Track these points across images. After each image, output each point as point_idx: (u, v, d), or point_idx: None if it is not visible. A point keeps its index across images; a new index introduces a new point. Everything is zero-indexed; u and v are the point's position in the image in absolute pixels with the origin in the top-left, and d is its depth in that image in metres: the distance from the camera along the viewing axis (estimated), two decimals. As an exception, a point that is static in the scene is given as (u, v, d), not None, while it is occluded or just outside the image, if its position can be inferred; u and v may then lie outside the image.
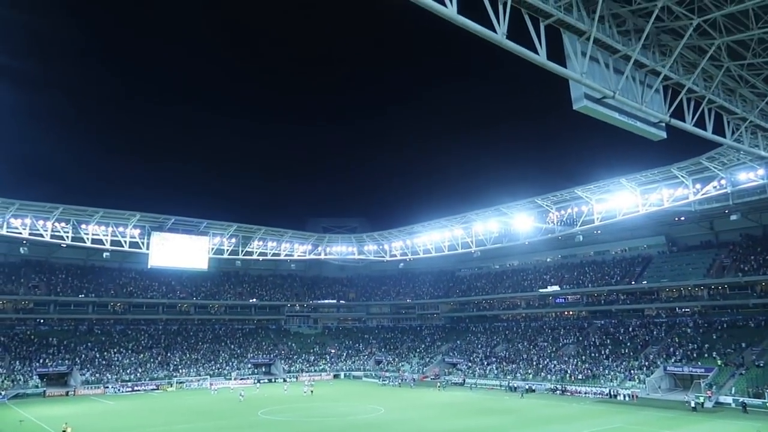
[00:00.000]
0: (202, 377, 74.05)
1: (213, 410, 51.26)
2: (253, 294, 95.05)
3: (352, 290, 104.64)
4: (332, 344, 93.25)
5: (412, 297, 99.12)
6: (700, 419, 42.58)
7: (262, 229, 76.66)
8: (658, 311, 70.61)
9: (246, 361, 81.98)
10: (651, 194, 53.94)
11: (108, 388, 66.97)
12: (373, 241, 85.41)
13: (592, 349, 67.85)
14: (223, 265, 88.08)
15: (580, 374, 62.86)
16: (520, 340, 78.23)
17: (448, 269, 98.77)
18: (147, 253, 67.27)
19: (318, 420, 45.22)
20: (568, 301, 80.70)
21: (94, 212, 63.86)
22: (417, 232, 77.87)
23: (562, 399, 56.70)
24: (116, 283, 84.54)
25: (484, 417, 45.24)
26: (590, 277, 77.48)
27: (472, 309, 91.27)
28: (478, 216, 69.17)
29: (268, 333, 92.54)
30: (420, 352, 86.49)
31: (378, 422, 43.72)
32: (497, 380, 68.54)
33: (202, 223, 71.90)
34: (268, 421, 44.89)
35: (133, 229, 66.84)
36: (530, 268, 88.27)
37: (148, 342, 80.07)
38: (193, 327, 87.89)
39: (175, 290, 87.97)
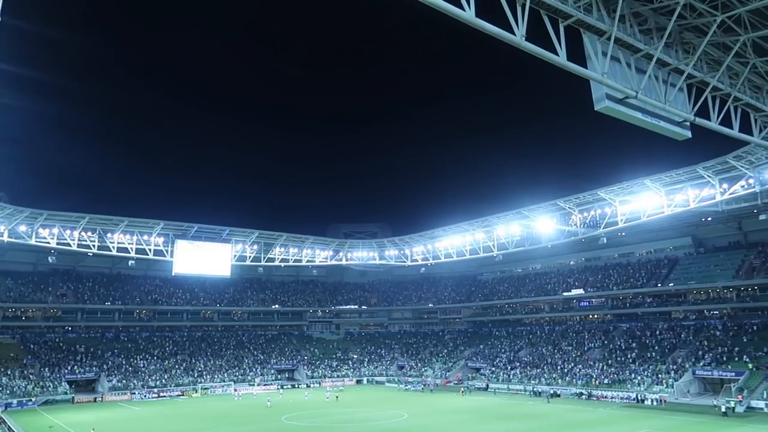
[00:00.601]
0: (226, 383, 74.63)
1: (237, 415, 51.60)
2: (275, 300, 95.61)
3: (373, 296, 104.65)
4: (354, 350, 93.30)
5: (433, 302, 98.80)
6: (731, 424, 41.63)
7: (283, 235, 77.15)
8: (685, 314, 69.30)
9: (269, 366, 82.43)
10: (676, 195, 53.06)
11: (135, 394, 67.83)
12: (394, 246, 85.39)
13: (618, 352, 66.84)
14: (246, 271, 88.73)
15: (606, 378, 61.94)
16: (544, 344, 77.43)
17: (469, 273, 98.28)
18: (171, 261, 68.14)
19: (341, 426, 45.22)
20: (593, 304, 79.64)
21: (119, 221, 64.95)
22: (438, 237, 77.67)
23: (588, 404, 55.93)
24: (141, 290, 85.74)
25: (508, 422, 44.81)
26: (615, 279, 76.42)
27: (494, 313, 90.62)
28: (499, 219, 68.75)
29: (290, 339, 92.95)
30: (443, 357, 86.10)
31: (401, 428, 43.56)
32: (521, 385, 67.89)
33: (225, 230, 72.60)
34: (292, 427, 45.03)
35: (157, 237, 67.79)
36: (553, 272, 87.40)
37: (173, 348, 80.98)
38: (216, 333, 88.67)
39: (199, 297, 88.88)
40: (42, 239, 62.24)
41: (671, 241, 75.53)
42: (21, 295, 75.89)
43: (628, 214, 56.86)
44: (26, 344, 73.07)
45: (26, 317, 76.62)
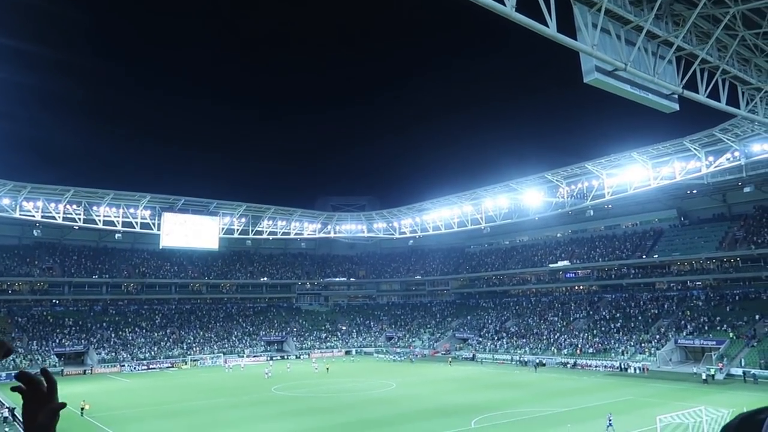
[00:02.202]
0: (215, 355, 75.16)
1: (228, 386, 52.16)
2: (264, 273, 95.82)
3: (362, 268, 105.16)
4: (343, 321, 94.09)
5: (422, 274, 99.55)
6: (711, 391, 42.82)
7: (271, 208, 76.97)
8: (669, 285, 70.53)
9: (258, 338, 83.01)
10: (663, 167, 53.54)
11: (124, 367, 68.17)
12: (383, 218, 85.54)
13: (603, 323, 68.08)
14: (234, 244, 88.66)
15: (590, 348, 63.19)
16: (530, 315, 78.60)
17: (457, 246, 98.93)
18: (158, 234, 67.90)
19: (331, 396, 45.91)
20: (579, 275, 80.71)
21: (104, 194, 64.38)
22: (426, 209, 77.88)
23: (573, 372, 57.14)
24: (129, 263, 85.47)
25: (496, 391, 45.71)
26: (601, 251, 77.39)
27: (482, 285, 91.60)
28: (487, 192, 68.99)
29: (279, 311, 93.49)
30: (431, 328, 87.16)
31: (390, 397, 44.32)
32: (508, 355, 69.07)
33: (212, 203, 72.29)
34: (282, 397, 45.65)
35: (143, 210, 67.37)
36: (540, 244, 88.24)
37: (161, 321, 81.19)
38: (205, 306, 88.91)
39: (187, 270, 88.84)
40: (26, 212, 61.61)
41: (656, 214, 76.41)
42: (6, 269, 75.35)
43: (615, 186, 57.31)
44: (13, 318, 72.86)
45: (12, 291, 76.24)
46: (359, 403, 41.73)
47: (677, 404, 34.15)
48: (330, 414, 37.71)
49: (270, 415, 37.58)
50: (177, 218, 69.00)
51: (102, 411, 39.43)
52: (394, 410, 38.37)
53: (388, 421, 34.79)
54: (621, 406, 37.38)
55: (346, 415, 37.07)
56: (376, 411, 38.42)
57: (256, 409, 40.22)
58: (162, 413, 39.19)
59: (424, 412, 37.05)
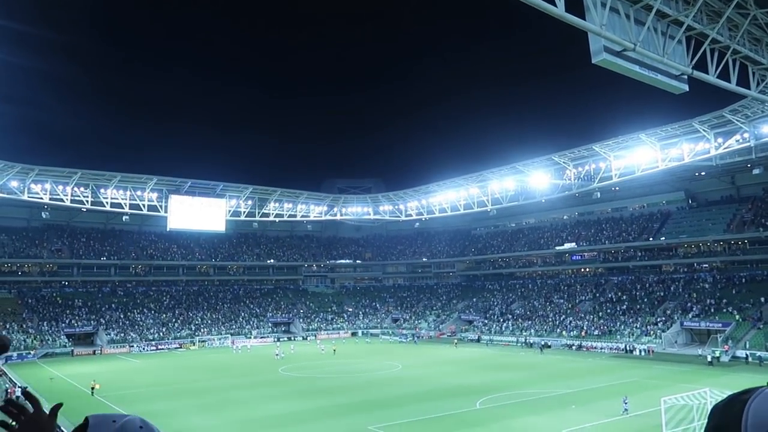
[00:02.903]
0: (223, 336, 75.83)
1: (235, 366, 52.70)
2: (270, 255, 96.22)
3: (368, 250, 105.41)
4: (349, 303, 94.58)
5: (428, 256, 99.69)
6: (715, 373, 42.88)
7: (277, 190, 77.04)
8: (676, 267, 70.34)
9: (265, 320, 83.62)
10: (671, 149, 53.08)
11: (133, 347, 68.91)
12: (389, 201, 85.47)
13: (609, 305, 68.11)
14: (241, 227, 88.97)
15: (596, 330, 63.31)
16: (536, 297, 78.71)
17: (463, 228, 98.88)
18: (165, 216, 68.20)
19: (337, 376, 46.30)
20: (585, 258, 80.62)
21: (111, 176, 64.60)
22: (432, 192, 77.72)
23: (578, 354, 57.32)
24: (137, 246, 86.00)
25: (501, 372, 45.95)
26: (607, 233, 77.15)
27: (488, 267, 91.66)
28: (493, 174, 68.72)
29: (286, 293, 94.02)
30: (436, 310, 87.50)
31: (396, 378, 44.65)
32: (513, 337, 69.32)
33: (219, 185, 72.40)
34: (289, 378, 46.08)
35: (150, 193, 67.59)
36: (547, 226, 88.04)
37: (169, 303, 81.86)
38: (212, 288, 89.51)
39: (194, 252, 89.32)
40: (34, 194, 61.95)
41: (664, 196, 75.95)
42: (16, 251, 76.00)
43: (623, 168, 56.93)
44: (23, 299, 73.63)
45: (22, 272, 76.95)
46: (365, 384, 42.08)
47: (682, 386, 34.23)
48: (336, 394, 38.05)
49: (277, 396, 37.96)
50: (184, 200, 69.21)
51: (112, 390, 39.94)
52: (399, 391, 38.68)
53: (394, 401, 35.08)
54: (626, 387, 37.50)
55: (352, 396, 37.40)
56: (381, 392, 38.75)
57: (264, 389, 40.63)
58: (171, 393, 39.68)
59: (429, 393, 37.32)
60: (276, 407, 34.11)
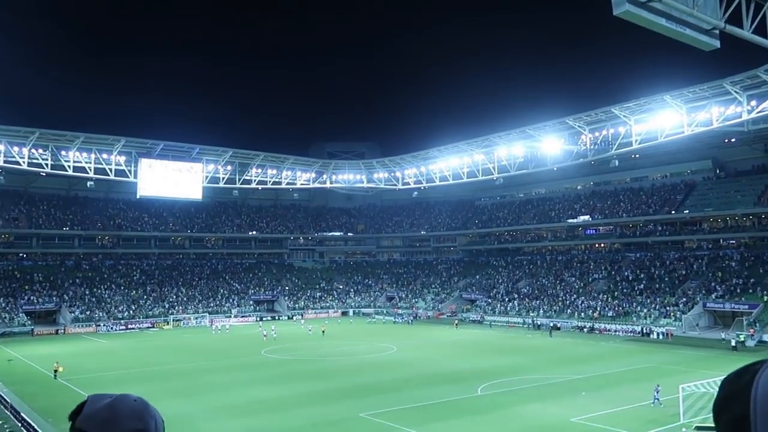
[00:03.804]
0: (200, 315, 76.39)
1: (213, 349, 53.20)
2: (252, 226, 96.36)
3: (360, 222, 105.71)
4: (339, 280, 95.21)
5: (426, 229, 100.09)
6: (740, 359, 43.54)
7: (260, 155, 76.74)
8: (699, 243, 70.94)
9: (247, 298, 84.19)
10: (698, 113, 52.95)
11: (100, 327, 69.39)
12: (384, 167, 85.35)
13: (625, 284, 68.84)
14: (219, 194, 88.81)
15: (610, 311, 64.12)
16: (545, 274, 79.42)
17: (467, 198, 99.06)
18: (135, 182, 67.91)
19: (325, 359, 46.85)
20: (600, 232, 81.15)
21: (74, 137, 64.03)
22: (433, 158, 77.60)
23: (590, 337, 58.14)
24: (103, 214, 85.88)
25: (506, 356, 46.59)
26: (625, 206, 77.54)
27: (492, 241, 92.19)
28: (501, 139, 68.57)
29: (270, 268, 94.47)
30: (435, 288, 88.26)
31: (390, 361, 45.25)
32: (519, 318, 70.15)
33: (194, 148, 72.02)
34: (273, 360, 46.61)
35: (118, 156, 67.15)
36: (558, 197, 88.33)
37: (140, 278, 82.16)
38: (188, 262, 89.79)
39: (168, 222, 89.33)
40: (-13, 157, 61.43)
41: (689, 165, 76.14)
42: (-32, 219, 75.78)
43: (644, 134, 56.85)
44: (-22, 272, 73.71)
45: (-25, 243, 76.91)
46: (356, 368, 42.64)
47: (703, 372, 34.87)
48: (325, 379, 38.57)
49: (260, 379, 38.46)
50: (156, 165, 68.86)
51: (77, 373, 40.33)
52: (394, 375, 39.22)
53: (388, 386, 35.62)
54: (642, 373, 38.20)
55: (342, 380, 37.92)
56: (374, 376, 39.29)
57: (245, 373, 41.13)
58: (142, 376, 40.11)
59: (427, 378, 37.90)
60: (258, 392, 34.58)
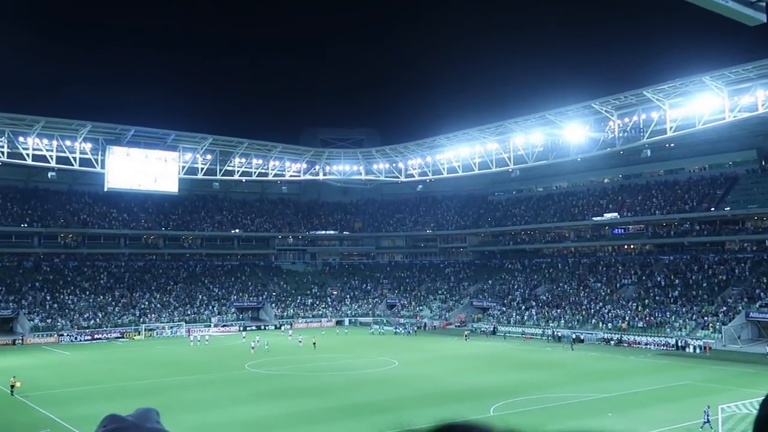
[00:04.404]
0: (176, 323, 76.37)
1: (190, 361, 53.19)
2: (235, 223, 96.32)
3: (358, 219, 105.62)
4: (334, 285, 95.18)
5: (432, 227, 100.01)
6: (787, 376, 43.55)
7: (244, 142, 76.66)
8: (742, 244, 70.84)
9: (229, 304, 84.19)
10: (742, 96, 52.84)
11: (63, 336, 69.37)
12: (385, 157, 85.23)
13: (657, 291, 68.77)
14: (198, 187, 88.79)
15: (640, 322, 64.04)
16: (567, 279, 79.36)
17: (478, 193, 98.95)
18: (103, 173, 67.87)
19: (317, 374, 46.83)
20: (629, 231, 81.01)
21: (33, 121, 63.94)
22: (440, 146, 77.47)
23: (618, 351, 58.08)
24: (66, 209, 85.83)
25: (522, 371, 46.54)
26: (658, 202, 77.41)
27: (507, 242, 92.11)
28: (518, 125, 68.42)
29: (254, 271, 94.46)
30: (442, 294, 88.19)
31: (391, 377, 45.21)
32: (538, 328, 70.11)
33: (170, 135, 71.97)
34: (258, 375, 46.57)
35: (83, 143, 67.10)
36: (582, 191, 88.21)
37: (108, 281, 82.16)
38: (163, 264, 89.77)
39: (140, 219, 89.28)
40: (-64, 143, 61.44)
41: (731, 155, 75.97)
42: None
43: (680, 120, 56.73)
44: (-76, 275, 73.74)
45: None
46: (352, 384, 42.58)
47: (745, 391, 34.76)
48: (316, 396, 38.52)
49: (243, 397, 38.42)
50: (126, 153, 68.80)
51: (37, 389, 40.30)
52: (394, 393, 39.17)
53: (387, 405, 35.56)
54: (676, 392, 38.14)
55: (336, 398, 37.87)
56: (372, 393, 39.23)
57: (227, 389, 41.08)
58: (110, 393, 40.04)
59: (432, 396, 37.83)
60: (241, 411, 34.55)
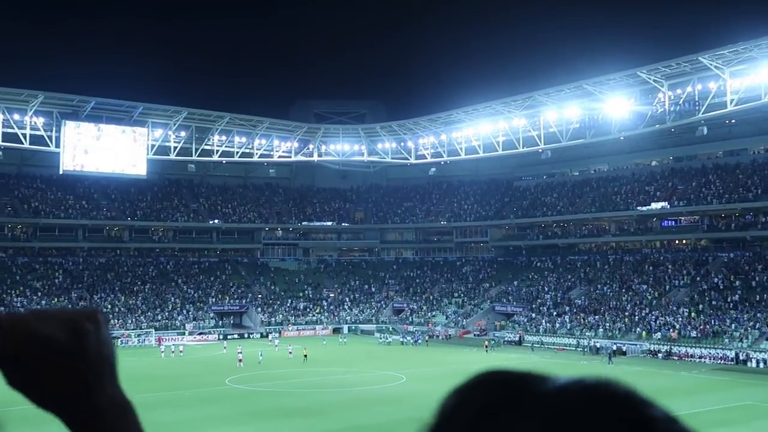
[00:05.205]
0: (143, 331, 76.44)
1: (161, 375, 53.16)
2: (214, 213, 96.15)
3: (359, 208, 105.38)
4: (331, 286, 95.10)
5: (447, 218, 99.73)
6: None
7: (225, 116, 76.47)
8: (815, 240, 70.63)
9: (207, 308, 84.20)
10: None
11: (11, 346, 69.47)
12: (391, 134, 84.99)
13: (714, 294, 68.50)
14: (170, 170, 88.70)
15: (693, 331, 63.82)
16: (606, 281, 79.13)
17: (502, 177, 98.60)
18: (58, 153, 67.88)
19: (309, 392, 46.69)
20: (681, 224, 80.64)
21: (-25, 91, 63.96)
22: (457, 122, 77.20)
23: (666, 365, 57.90)
24: (14, 195, 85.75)
25: (551, 390, 46.47)
26: (716, 189, 76.97)
27: (536, 235, 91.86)
28: (549, 98, 68.08)
29: (237, 269, 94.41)
30: (459, 298, 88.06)
31: (397, 396, 45.08)
32: (571, 338, 69.99)
33: (137, 107, 71.84)
34: (241, 392, 46.57)
35: (35, 117, 67.05)
36: (626, 176, 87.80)
37: (64, 281, 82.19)
38: (128, 260, 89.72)
39: (101, 207, 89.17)
40: None
41: (803, 134, 75.67)
42: None
43: (743, 91, 56.40)
44: None
45: None
46: (350, 404, 42.47)
47: (817, 413, 34.60)
48: (308, 417, 38.42)
49: (223, 417, 38.36)
50: (85, 130, 68.76)
51: (-21, 407, 40.35)
52: (400, 414, 38.96)
53: (391, 428, 35.50)
54: (735, 414, 37.90)
55: (331, 420, 37.76)
56: (374, 415, 39.11)
57: (204, 408, 41.03)
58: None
59: (446, 418, 37.63)
60: (220, 435, 34.54)
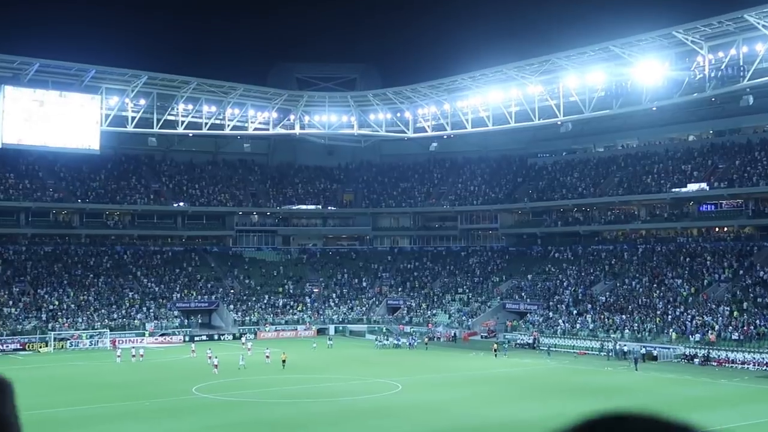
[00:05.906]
0: (97, 331, 76.29)
1: (118, 383, 53.10)
2: (179, 194, 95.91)
3: (348, 189, 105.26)
4: (315, 279, 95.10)
5: (451, 201, 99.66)
6: None
7: (191, 81, 76.17)
8: None
9: (170, 306, 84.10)
10: None
11: (-58, 348, 69.60)
12: (386, 103, 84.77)
13: (760, 290, 68.67)
14: (128, 144, 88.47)
15: (735, 332, 63.98)
16: (635, 274, 79.22)
17: (514, 154, 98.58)
18: (-5, 123, 67.59)
19: (289, 402, 46.75)
20: (723, 209, 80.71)
21: None
22: (462, 89, 77.02)
23: (704, 372, 58.00)
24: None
25: (571, 400, 46.33)
26: (763, 168, 77.05)
27: (554, 221, 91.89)
28: (570, 61, 67.94)
29: (206, 260, 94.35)
30: (463, 294, 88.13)
31: (391, 407, 45.08)
32: (594, 341, 70.11)
33: (89, 71, 71.49)
34: (209, 403, 46.57)
35: (-32, 82, 66.80)
36: (659, 153, 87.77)
37: (4, 273, 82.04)
38: (79, 249, 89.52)
39: (46, 187, 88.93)
40: None
41: None
42: None
43: (795, 54, 56.35)
44: None
45: None
46: (337, 415, 42.51)
47: None
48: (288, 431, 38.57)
49: (188, 433, 38.49)
50: (27, 96, 68.45)
51: None
52: (395, 429, 39.16)
53: (387, 446, 35.62)
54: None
55: (317, 435, 37.93)
56: (365, 429, 39.25)
57: (166, 422, 41.07)
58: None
59: (449, 433, 37.80)
60: (186, 452, 34.60)
